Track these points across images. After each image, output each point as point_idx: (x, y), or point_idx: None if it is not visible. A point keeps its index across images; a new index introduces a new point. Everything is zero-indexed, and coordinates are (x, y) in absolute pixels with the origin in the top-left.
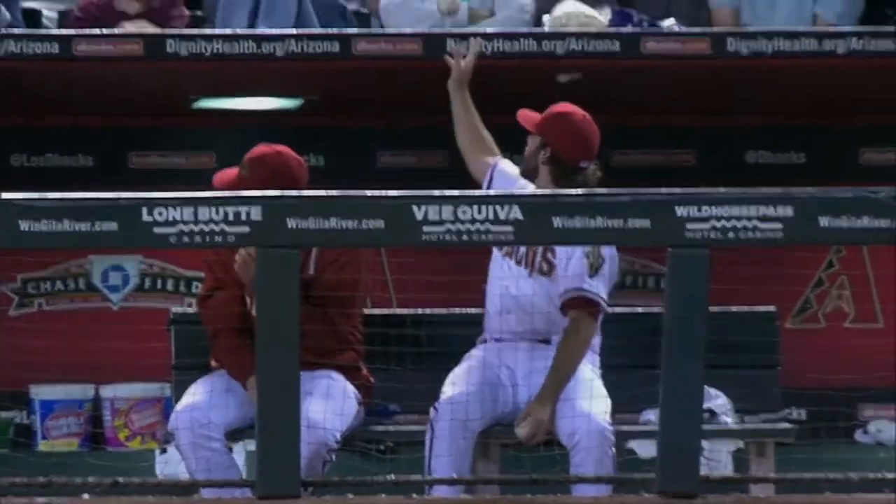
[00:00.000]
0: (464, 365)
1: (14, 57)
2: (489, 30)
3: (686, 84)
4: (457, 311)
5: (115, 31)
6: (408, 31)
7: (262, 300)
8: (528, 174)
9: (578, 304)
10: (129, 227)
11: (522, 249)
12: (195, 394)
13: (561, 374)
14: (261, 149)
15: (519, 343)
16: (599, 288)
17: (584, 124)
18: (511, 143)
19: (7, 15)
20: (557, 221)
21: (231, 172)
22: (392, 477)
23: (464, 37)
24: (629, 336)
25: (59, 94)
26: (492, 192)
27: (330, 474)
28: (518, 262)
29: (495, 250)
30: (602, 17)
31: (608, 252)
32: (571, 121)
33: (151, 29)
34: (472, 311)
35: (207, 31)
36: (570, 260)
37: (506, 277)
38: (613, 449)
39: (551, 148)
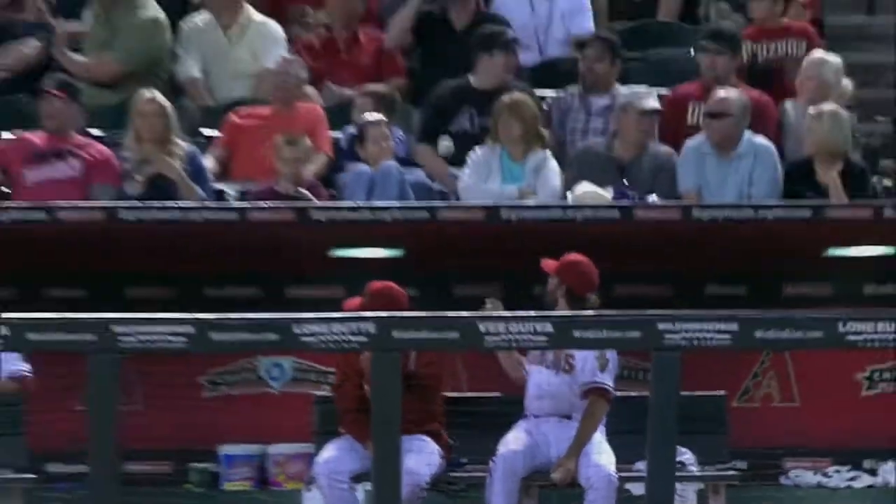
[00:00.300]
0: (513, 432)
1: (207, 222)
2: (532, 203)
3: (664, 239)
4: (506, 395)
5: (277, 204)
6: (476, 203)
7: (376, 387)
8: (550, 304)
9: (594, 392)
10: (284, 337)
11: (550, 357)
12: (330, 450)
13: (582, 439)
14: (376, 284)
15: (550, 418)
16: (608, 380)
17: (588, 269)
18: (542, 281)
19: (202, 193)
20: (577, 333)
21: (356, 300)
22: None
23: (516, 207)
24: (626, 411)
25: (236, 245)
26: (532, 312)
27: None
28: (547, 367)
29: (529, 362)
30: (607, 194)
31: (611, 354)
32: (579, 266)
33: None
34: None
35: (339, 203)
36: (586, 362)
37: (541, 375)
38: (616, 489)
39: (566, 286)
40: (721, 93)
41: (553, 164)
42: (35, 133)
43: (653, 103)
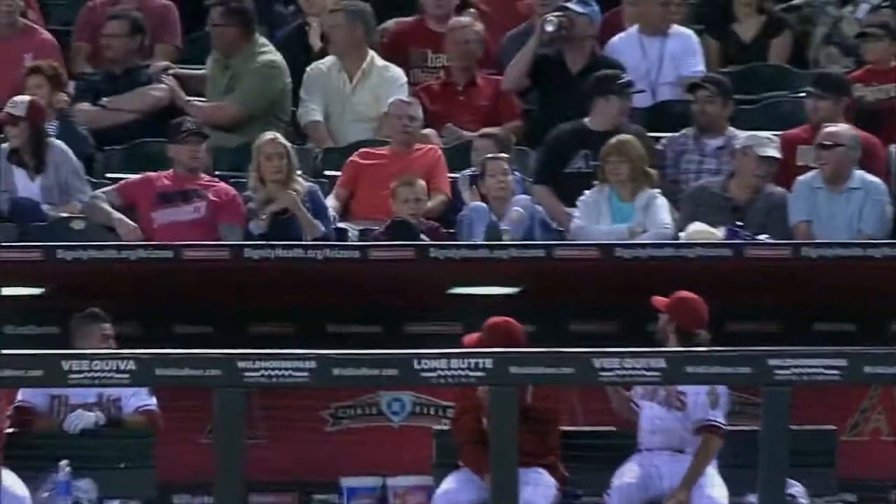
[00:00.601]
0: (627, 464)
1: (329, 260)
2: (645, 241)
3: (774, 277)
4: (621, 429)
5: (397, 242)
6: (590, 242)
7: (493, 421)
8: (661, 341)
9: (708, 429)
10: (405, 372)
11: (661, 393)
12: (449, 483)
13: (695, 473)
14: (495, 319)
15: (663, 452)
16: (719, 417)
17: (697, 305)
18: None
19: (323, 229)
20: (689, 368)
21: (475, 336)
22: None
23: (629, 246)
24: (738, 445)
25: (357, 283)
26: (646, 349)
27: None
28: (660, 404)
29: (640, 397)
30: (719, 233)
31: (722, 390)
32: (689, 303)
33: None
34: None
35: (457, 242)
36: (698, 398)
37: (653, 410)
38: None
39: (676, 322)
40: (831, 127)
41: (662, 202)
42: (162, 173)
43: (772, 151)
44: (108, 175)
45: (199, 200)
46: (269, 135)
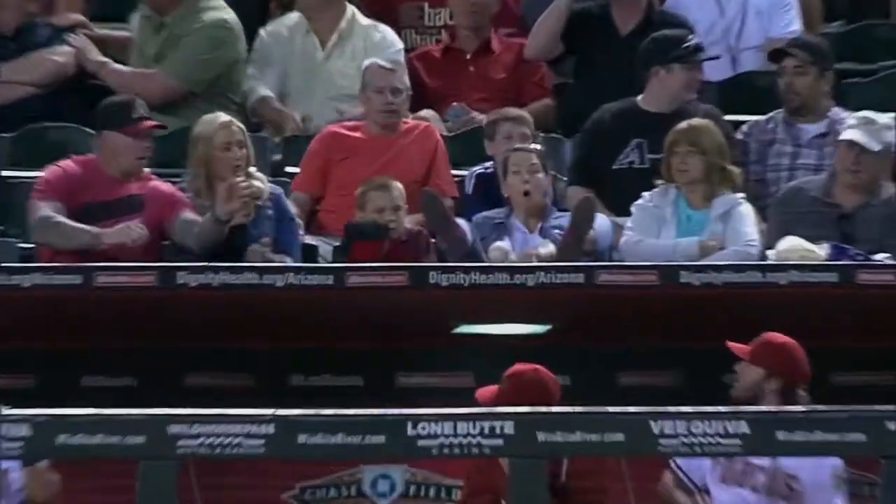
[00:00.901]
0: None
1: (291, 287)
2: (719, 262)
3: None
4: None
5: (384, 263)
6: (646, 263)
7: None
8: (745, 399)
9: None
10: (395, 439)
11: (760, 478)
12: None
13: None
14: (520, 367)
15: None
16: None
17: (796, 353)
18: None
19: (291, 262)
20: (781, 435)
21: (492, 388)
22: None
23: (699, 268)
24: None
25: (333, 319)
26: (722, 409)
27: None
28: (755, 490)
29: (719, 480)
30: (820, 252)
31: (840, 466)
32: (785, 350)
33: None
34: None
35: (466, 264)
36: (818, 479)
37: (739, 498)
38: None
39: (776, 377)
40: None
41: (746, 210)
42: (78, 161)
43: (856, 135)
44: None
45: (134, 216)
46: (221, 117)
